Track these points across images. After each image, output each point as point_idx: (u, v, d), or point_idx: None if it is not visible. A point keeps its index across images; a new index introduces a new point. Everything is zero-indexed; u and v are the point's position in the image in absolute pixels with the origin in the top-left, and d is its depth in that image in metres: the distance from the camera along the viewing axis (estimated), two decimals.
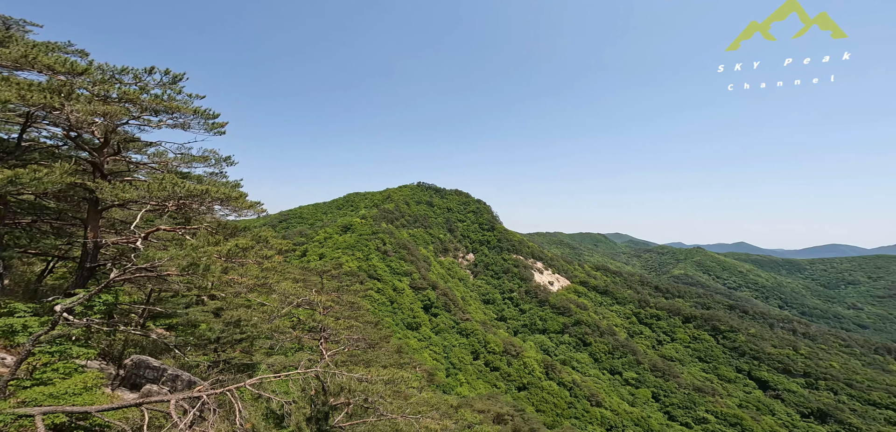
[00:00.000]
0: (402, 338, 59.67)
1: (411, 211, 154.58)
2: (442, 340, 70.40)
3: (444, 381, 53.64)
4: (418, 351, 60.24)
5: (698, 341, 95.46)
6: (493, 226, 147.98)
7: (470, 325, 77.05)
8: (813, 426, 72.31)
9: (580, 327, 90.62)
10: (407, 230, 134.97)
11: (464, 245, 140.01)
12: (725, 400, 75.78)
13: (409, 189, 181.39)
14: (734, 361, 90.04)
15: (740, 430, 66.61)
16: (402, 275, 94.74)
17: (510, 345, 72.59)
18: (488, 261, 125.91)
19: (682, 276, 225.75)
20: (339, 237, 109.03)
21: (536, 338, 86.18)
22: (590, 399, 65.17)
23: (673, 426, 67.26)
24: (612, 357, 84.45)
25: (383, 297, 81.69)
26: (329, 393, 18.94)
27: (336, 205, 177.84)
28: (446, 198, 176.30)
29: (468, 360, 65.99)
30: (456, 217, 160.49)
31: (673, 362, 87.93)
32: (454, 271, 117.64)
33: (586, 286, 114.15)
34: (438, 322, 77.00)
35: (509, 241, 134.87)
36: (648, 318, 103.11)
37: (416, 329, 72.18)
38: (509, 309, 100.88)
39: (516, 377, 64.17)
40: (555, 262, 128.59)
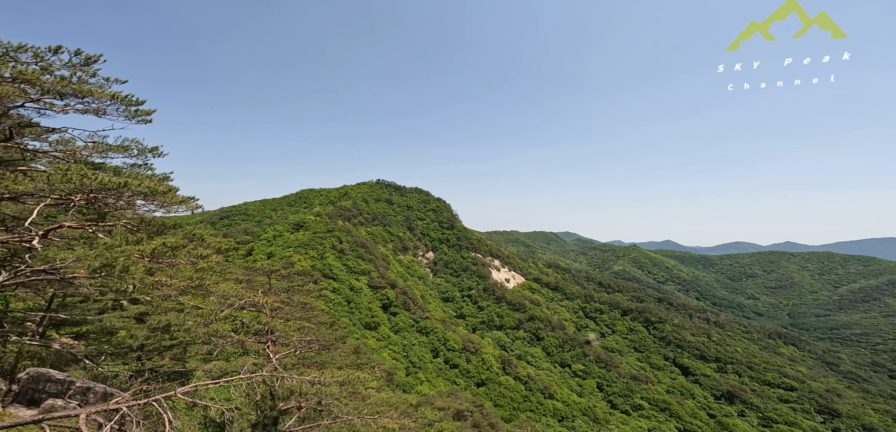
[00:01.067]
0: (359, 339, 57.54)
1: (370, 208, 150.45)
2: (401, 339, 69.17)
3: (404, 380, 52.67)
4: (377, 350, 58.50)
5: (634, 332, 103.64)
6: (453, 224, 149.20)
7: (430, 324, 76.69)
8: (724, 407, 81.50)
9: (534, 323, 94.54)
10: (365, 228, 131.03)
11: (424, 243, 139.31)
12: (656, 387, 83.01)
13: (367, 186, 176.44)
14: (662, 350, 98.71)
15: (668, 414, 73.28)
16: (359, 274, 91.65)
17: (469, 342, 73.47)
18: (448, 260, 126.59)
19: (621, 272, 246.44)
20: (290, 235, 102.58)
21: (494, 335, 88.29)
22: (543, 391, 68.14)
23: (614, 413, 72.56)
24: (562, 350, 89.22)
25: (340, 297, 78.34)
26: (278, 397, 17.36)
27: (288, 202, 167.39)
28: (406, 195, 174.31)
29: (428, 358, 65.58)
30: (416, 215, 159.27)
31: (614, 353, 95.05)
32: (414, 269, 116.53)
33: (539, 283, 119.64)
34: (398, 321, 75.56)
35: (468, 240, 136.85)
36: (593, 312, 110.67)
37: (374, 329, 70.13)
38: (468, 306, 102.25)
39: (475, 373, 65.10)
40: (511, 260, 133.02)
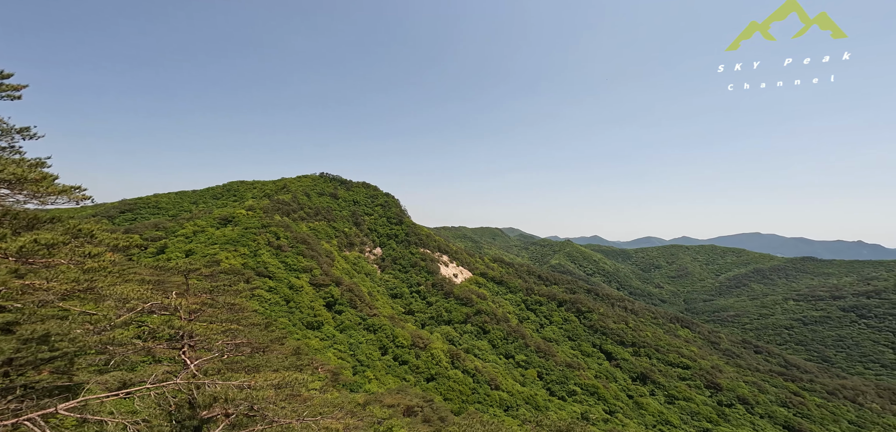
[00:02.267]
0: (301, 339, 53.01)
1: (312, 203, 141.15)
2: (348, 338, 65.61)
3: (351, 380, 49.85)
4: (321, 351, 54.52)
5: (568, 322, 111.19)
6: (402, 220, 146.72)
7: (378, 321, 74.05)
8: (639, 387, 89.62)
9: (480, 316, 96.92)
10: (307, 223, 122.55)
11: (371, 239, 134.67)
12: (587, 373, 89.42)
13: (310, 179, 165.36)
14: (591, 337, 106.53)
15: (597, 397, 79.29)
16: (300, 272, 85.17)
17: (418, 338, 72.53)
18: (396, 255, 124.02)
19: (557, 265, 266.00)
20: (215, 231, 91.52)
21: (442, 329, 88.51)
22: (490, 383, 69.98)
23: (553, 399, 77.35)
24: (506, 342, 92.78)
25: (277, 296, 71.77)
26: (199, 405, 14.73)
27: (212, 195, 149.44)
28: (353, 190, 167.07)
29: (376, 356, 63.17)
30: (363, 210, 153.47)
31: (551, 342, 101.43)
32: (361, 266, 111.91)
33: (485, 277, 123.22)
34: (343, 319, 71.57)
35: (417, 235, 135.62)
36: (534, 304, 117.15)
37: (317, 328, 65.47)
38: (417, 302, 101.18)
39: (425, 369, 64.39)
40: (459, 255, 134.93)
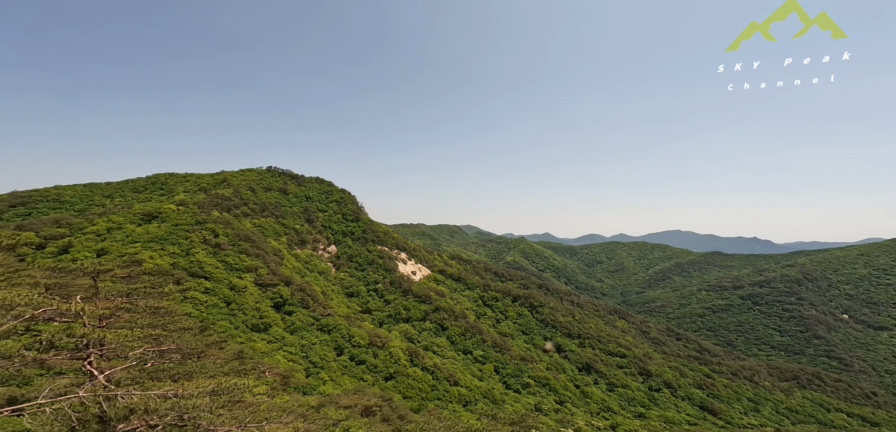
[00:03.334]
0: (245, 342, 48.16)
1: (258, 198, 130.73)
2: (299, 339, 61.24)
3: (303, 382, 46.43)
4: (269, 353, 50.06)
5: (522, 317, 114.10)
6: (358, 216, 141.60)
7: (332, 320, 70.28)
8: (584, 377, 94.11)
9: (439, 313, 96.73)
10: (251, 220, 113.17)
11: (325, 236, 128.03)
12: (539, 365, 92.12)
13: (255, 173, 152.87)
14: (542, 331, 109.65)
15: (548, 389, 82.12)
16: (243, 272, 78.10)
17: (376, 337, 70.16)
18: (352, 253, 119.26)
19: (512, 262, 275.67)
20: (137, 227, 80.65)
21: (401, 327, 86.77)
22: (449, 379, 69.89)
23: (508, 393, 79.27)
24: (464, 338, 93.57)
25: (216, 298, 64.88)
26: (112, 418, 12.36)
27: (132, 188, 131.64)
28: (305, 185, 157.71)
29: (331, 357, 59.80)
30: (317, 206, 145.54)
31: (506, 337, 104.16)
32: (313, 264, 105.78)
33: (444, 274, 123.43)
34: (294, 320, 66.79)
35: (375, 232, 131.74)
36: (490, 300, 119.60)
37: (265, 330, 60.24)
38: (374, 300, 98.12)
39: (383, 368, 62.36)
40: (417, 253, 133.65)
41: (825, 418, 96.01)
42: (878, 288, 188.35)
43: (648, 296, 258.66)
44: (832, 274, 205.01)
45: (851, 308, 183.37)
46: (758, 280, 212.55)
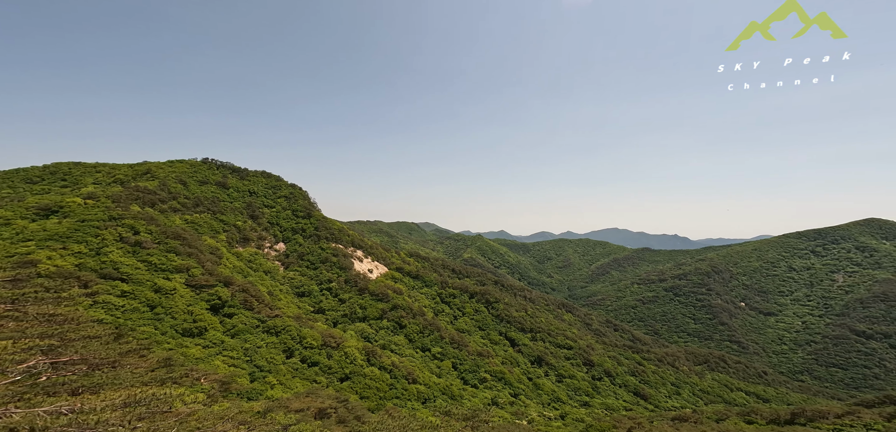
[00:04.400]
0: (174, 348, 42.05)
1: (191, 192, 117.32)
2: (242, 342, 55.28)
3: (247, 387, 41.76)
4: (205, 359, 44.23)
5: (478, 313, 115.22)
6: (310, 213, 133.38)
7: (280, 322, 64.82)
8: (536, 369, 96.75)
9: (397, 311, 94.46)
10: (182, 216, 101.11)
11: (272, 233, 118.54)
12: (495, 360, 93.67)
13: (187, 165, 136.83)
14: (498, 326, 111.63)
15: (504, 382, 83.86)
16: (171, 273, 69.13)
17: (330, 337, 66.13)
18: (304, 251, 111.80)
19: (469, 259, 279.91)
20: (30, 223, 67.70)
21: (357, 327, 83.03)
22: (407, 377, 68.31)
23: (466, 388, 79.72)
24: (422, 336, 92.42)
25: (136, 302, 56.24)
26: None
27: (25, 178, 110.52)
28: (249, 179, 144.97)
29: (280, 360, 54.89)
30: (262, 202, 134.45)
31: (464, 333, 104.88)
32: (258, 263, 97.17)
33: (402, 272, 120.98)
34: (235, 323, 60.28)
35: (328, 230, 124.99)
36: (448, 297, 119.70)
37: (199, 335, 53.39)
38: (328, 299, 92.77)
39: (338, 368, 58.83)
40: (374, 250, 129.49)
41: (729, 397, 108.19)
42: (767, 278, 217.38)
43: (591, 289, 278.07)
44: (733, 267, 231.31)
45: (747, 297, 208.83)
46: (677, 273, 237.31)
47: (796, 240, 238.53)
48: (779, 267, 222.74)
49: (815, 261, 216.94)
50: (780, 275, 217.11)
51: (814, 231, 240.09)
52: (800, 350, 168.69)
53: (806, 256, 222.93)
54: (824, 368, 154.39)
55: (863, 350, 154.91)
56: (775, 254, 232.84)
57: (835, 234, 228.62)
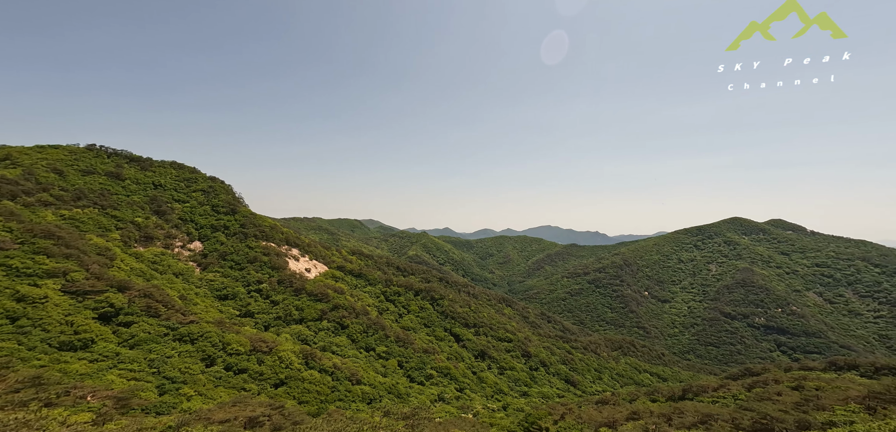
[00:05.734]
0: (47, 365, 32.48)
1: (70, 183, 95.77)
2: (145, 353, 45.63)
3: (156, 401, 34.24)
4: (92, 374, 34.98)
5: (424, 310, 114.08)
6: (235, 209, 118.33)
7: (197, 328, 55.56)
8: (479, 363, 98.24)
9: (338, 311, 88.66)
10: (56, 210, 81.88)
11: (185, 231, 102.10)
12: (441, 356, 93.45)
13: (64, 151, 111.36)
14: (443, 323, 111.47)
15: (449, 378, 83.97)
16: (40, 278, 55.06)
17: (261, 342, 58.75)
18: (227, 250, 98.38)
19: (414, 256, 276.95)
20: None
21: (293, 329, 75.41)
22: (351, 379, 64.17)
23: (413, 386, 77.87)
24: (366, 335, 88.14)
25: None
26: None
27: None
28: (154, 171, 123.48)
29: (197, 369, 46.67)
30: (171, 196, 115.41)
31: (409, 331, 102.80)
32: (166, 264, 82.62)
33: (343, 270, 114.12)
34: (136, 331, 49.72)
35: (258, 227, 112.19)
36: (392, 295, 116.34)
37: (84, 348, 42.58)
38: (258, 302, 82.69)
39: (271, 374, 52.31)
40: (312, 249, 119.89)
41: (638, 378, 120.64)
42: (663, 270, 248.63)
43: (528, 284, 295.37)
44: (639, 260, 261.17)
45: (650, 286, 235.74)
46: (597, 267, 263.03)
47: (684, 235, 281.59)
48: (671, 259, 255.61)
49: (697, 254, 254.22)
50: (672, 266, 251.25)
51: (696, 228, 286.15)
52: (687, 332, 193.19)
53: (690, 250, 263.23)
54: (704, 347, 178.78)
55: (729, 329, 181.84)
56: (669, 249, 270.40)
57: (710, 231, 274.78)
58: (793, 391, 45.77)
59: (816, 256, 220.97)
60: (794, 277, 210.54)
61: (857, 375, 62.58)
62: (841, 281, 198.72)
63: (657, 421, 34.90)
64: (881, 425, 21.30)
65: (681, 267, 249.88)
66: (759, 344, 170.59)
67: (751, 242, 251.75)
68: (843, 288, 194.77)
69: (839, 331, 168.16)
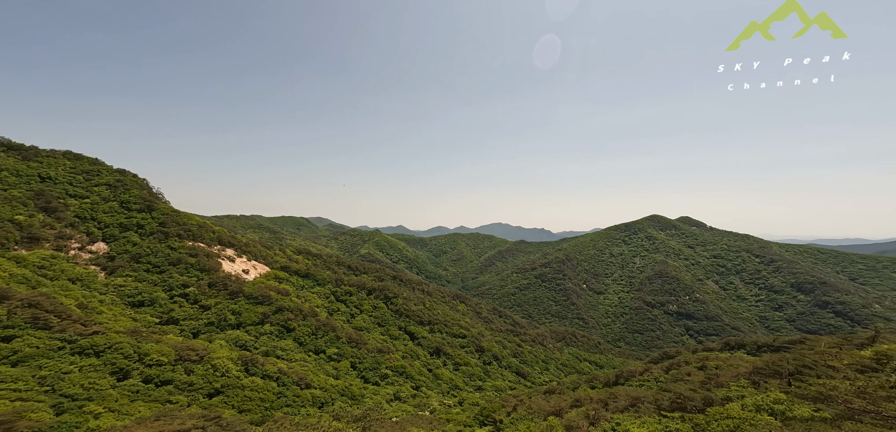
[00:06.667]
0: None
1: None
2: (35, 370, 36.67)
3: (51, 422, 27.37)
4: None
5: (377, 309, 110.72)
6: (151, 206, 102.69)
7: (102, 339, 46.60)
8: (435, 360, 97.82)
9: (282, 314, 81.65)
10: None
11: (84, 231, 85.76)
12: (395, 355, 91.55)
13: None
14: (397, 321, 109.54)
15: (405, 376, 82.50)
16: None
17: (189, 350, 51.30)
18: (141, 252, 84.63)
19: (367, 255, 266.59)
20: None
21: (229, 335, 67.19)
22: (299, 383, 59.35)
23: (368, 386, 74.73)
24: (315, 337, 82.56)
25: None
26: None
27: None
28: (39, 161, 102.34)
29: (106, 385, 38.83)
30: (65, 190, 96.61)
31: (362, 331, 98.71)
32: (58, 269, 68.37)
33: (288, 270, 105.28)
34: (19, 346, 39.79)
35: (182, 226, 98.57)
36: (344, 295, 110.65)
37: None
38: (183, 307, 72.16)
39: (203, 383, 45.76)
40: (251, 248, 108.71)
41: (580, 367, 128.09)
42: (599, 264, 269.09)
43: (480, 280, 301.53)
44: (579, 255, 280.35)
45: (588, 280, 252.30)
46: (543, 262, 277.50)
47: (614, 231, 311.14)
48: (604, 253, 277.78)
49: (625, 249, 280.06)
50: (606, 260, 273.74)
51: (624, 224, 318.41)
52: (617, 321, 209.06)
53: (620, 245, 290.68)
54: (631, 334, 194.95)
55: (650, 317, 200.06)
56: (603, 243, 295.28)
57: (635, 227, 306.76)
58: (699, 371, 51.40)
59: (714, 249, 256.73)
60: (698, 268, 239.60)
61: (746, 353, 71.05)
62: (731, 270, 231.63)
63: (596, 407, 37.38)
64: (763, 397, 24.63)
65: (612, 261, 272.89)
66: (673, 329, 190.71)
67: (666, 237, 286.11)
68: (733, 276, 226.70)
69: (731, 315, 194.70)
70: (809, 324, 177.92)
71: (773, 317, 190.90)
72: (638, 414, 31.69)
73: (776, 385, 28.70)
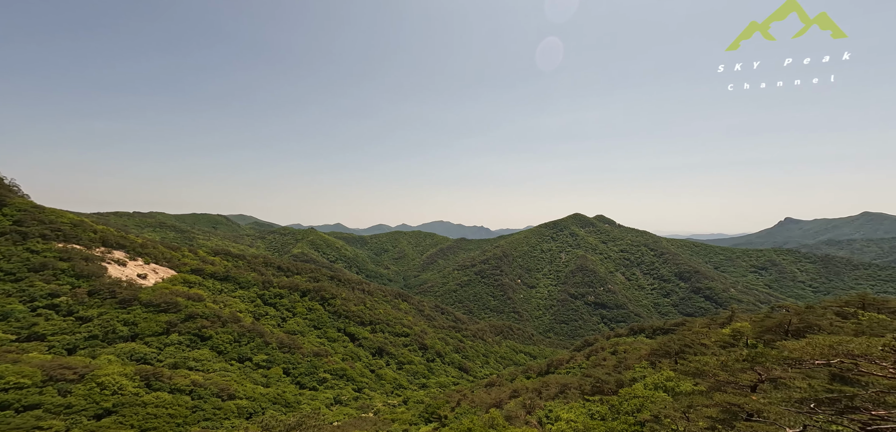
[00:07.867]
0: None
1: None
2: None
3: None
4: None
5: (313, 312, 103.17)
6: (2, 201, 79.71)
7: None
8: (377, 360, 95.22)
9: (194, 321, 69.85)
10: None
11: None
12: (335, 358, 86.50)
13: None
14: (335, 323, 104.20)
15: (346, 379, 78.64)
16: None
17: (63, 369, 40.17)
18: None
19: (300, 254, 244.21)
20: None
21: (121, 348, 54.43)
22: (220, 394, 51.21)
23: (304, 392, 68.57)
24: (238, 345, 72.62)
25: None
26: None
27: None
28: None
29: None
30: None
31: (296, 335, 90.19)
32: None
33: (201, 274, 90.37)
34: None
35: (49, 225, 77.94)
36: (273, 298, 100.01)
37: None
38: (52, 320, 56.40)
39: (87, 404, 36.03)
40: (149, 249, 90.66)
41: (516, 358, 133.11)
42: (531, 259, 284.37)
43: (423, 277, 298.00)
44: (514, 251, 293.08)
45: (522, 275, 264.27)
46: (482, 259, 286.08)
47: (544, 228, 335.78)
48: (536, 250, 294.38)
49: (553, 245, 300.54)
50: (537, 256, 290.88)
51: (552, 222, 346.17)
52: (547, 313, 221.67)
53: (549, 241, 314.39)
54: (559, 324, 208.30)
55: (574, 307, 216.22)
56: (535, 240, 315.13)
57: (560, 225, 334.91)
58: (612, 356, 57.25)
59: (621, 244, 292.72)
60: (609, 261, 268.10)
61: (645, 337, 78.96)
62: (633, 262, 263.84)
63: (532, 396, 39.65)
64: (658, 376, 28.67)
65: (542, 256, 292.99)
66: (591, 318, 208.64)
67: (585, 234, 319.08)
68: (635, 268, 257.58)
69: (634, 303, 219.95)
70: (688, 307, 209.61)
71: (663, 303, 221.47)
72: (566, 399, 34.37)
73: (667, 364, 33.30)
